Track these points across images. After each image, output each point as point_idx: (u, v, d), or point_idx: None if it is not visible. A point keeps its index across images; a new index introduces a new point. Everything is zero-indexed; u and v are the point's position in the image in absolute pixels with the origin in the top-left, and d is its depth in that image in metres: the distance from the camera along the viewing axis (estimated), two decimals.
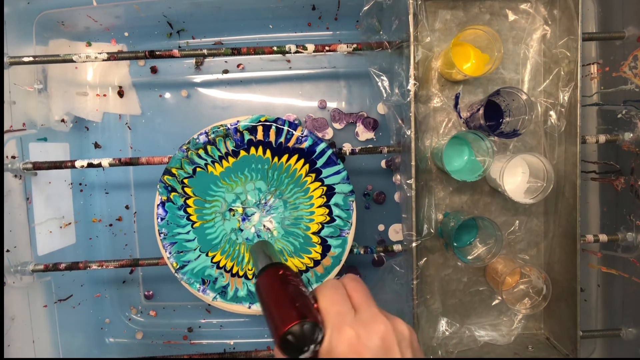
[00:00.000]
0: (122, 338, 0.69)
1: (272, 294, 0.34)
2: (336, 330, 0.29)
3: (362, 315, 0.30)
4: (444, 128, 0.54)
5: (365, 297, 0.32)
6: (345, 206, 0.53)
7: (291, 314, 0.30)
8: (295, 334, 0.30)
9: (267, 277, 0.36)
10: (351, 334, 0.29)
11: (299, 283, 0.34)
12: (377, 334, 0.29)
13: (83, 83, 0.65)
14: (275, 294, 0.33)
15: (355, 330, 0.29)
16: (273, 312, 0.32)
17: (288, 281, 0.34)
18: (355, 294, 0.33)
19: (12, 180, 0.53)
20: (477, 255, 0.54)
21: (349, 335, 0.29)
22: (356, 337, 0.29)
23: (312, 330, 0.30)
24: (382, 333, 0.29)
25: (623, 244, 0.54)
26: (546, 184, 0.50)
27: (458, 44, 0.52)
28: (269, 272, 0.36)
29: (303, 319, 0.30)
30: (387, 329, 0.29)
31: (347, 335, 0.29)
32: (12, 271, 0.52)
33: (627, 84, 0.53)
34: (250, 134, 0.51)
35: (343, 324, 0.29)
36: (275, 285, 0.34)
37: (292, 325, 0.30)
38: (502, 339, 0.55)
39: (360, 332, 0.29)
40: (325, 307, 0.31)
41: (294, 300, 0.32)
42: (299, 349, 0.30)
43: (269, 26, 0.66)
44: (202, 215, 0.52)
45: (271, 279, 0.35)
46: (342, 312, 0.31)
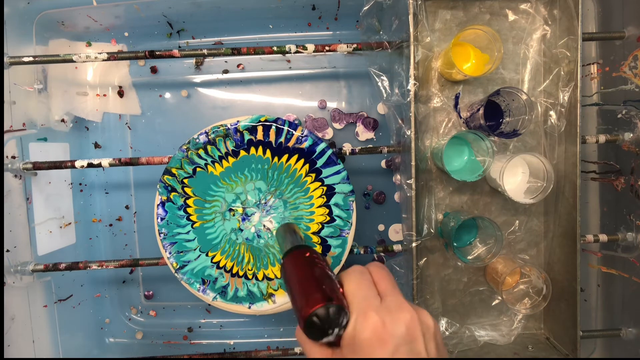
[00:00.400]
0: (122, 338, 0.69)
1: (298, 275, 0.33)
2: (362, 315, 0.29)
3: (388, 303, 0.30)
4: (444, 128, 0.54)
5: (392, 285, 0.32)
6: (345, 206, 0.53)
7: (317, 296, 0.30)
8: (320, 316, 0.29)
9: (293, 258, 0.35)
10: (376, 320, 0.28)
11: (325, 266, 0.34)
12: (403, 322, 0.28)
13: (83, 83, 0.65)
14: (301, 275, 0.33)
15: (381, 316, 0.29)
16: (299, 294, 0.32)
17: (315, 263, 0.34)
18: (381, 281, 0.32)
19: (12, 180, 0.53)
20: (477, 255, 0.54)
21: (374, 321, 0.28)
22: (381, 324, 0.28)
23: (338, 314, 0.30)
24: (407, 322, 0.29)
25: (623, 244, 0.54)
26: (546, 184, 0.50)
27: (458, 44, 0.52)
28: (295, 254, 0.35)
29: (329, 301, 0.30)
30: (413, 318, 0.29)
31: (372, 321, 0.28)
32: (12, 271, 0.52)
33: (627, 84, 0.53)
34: (250, 134, 0.51)
35: (369, 309, 0.29)
36: (302, 267, 0.34)
37: (317, 307, 0.29)
38: (502, 339, 0.55)
39: (386, 318, 0.28)
40: (352, 292, 0.31)
41: (320, 282, 0.32)
42: (323, 331, 0.30)
43: (269, 26, 0.66)
44: (202, 215, 0.52)
45: (297, 260, 0.35)
46: (368, 298, 0.30)
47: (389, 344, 0.28)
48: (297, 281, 0.33)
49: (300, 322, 0.30)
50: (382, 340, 0.28)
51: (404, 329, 0.28)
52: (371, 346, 0.28)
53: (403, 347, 0.28)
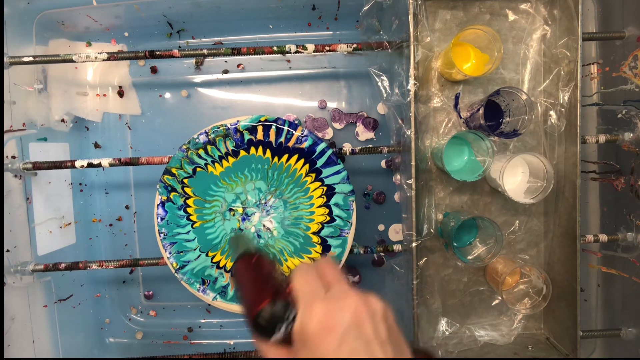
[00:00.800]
0: (122, 338, 0.69)
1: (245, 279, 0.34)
2: (307, 308, 0.29)
3: (332, 292, 0.30)
4: (444, 128, 0.54)
5: (337, 275, 0.32)
6: (345, 206, 0.53)
7: (262, 296, 0.31)
8: (266, 314, 0.30)
9: (240, 264, 0.36)
10: (321, 310, 0.28)
11: (272, 268, 0.35)
12: (349, 307, 0.28)
13: (83, 83, 0.65)
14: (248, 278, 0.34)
15: (326, 306, 0.29)
16: (245, 296, 0.33)
17: (261, 266, 0.35)
18: (327, 273, 0.32)
19: (12, 180, 0.53)
20: (477, 255, 0.54)
21: (319, 311, 0.28)
22: (326, 313, 0.28)
23: (283, 310, 0.30)
24: (352, 308, 0.28)
25: (623, 244, 0.54)
26: (546, 184, 0.50)
27: (458, 44, 0.52)
28: (242, 260, 0.37)
29: (273, 299, 0.30)
30: (358, 304, 0.29)
31: (317, 311, 0.28)
32: (12, 271, 0.52)
33: (627, 84, 0.53)
34: (250, 133, 0.51)
35: (314, 301, 0.29)
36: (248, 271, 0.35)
37: (263, 305, 0.30)
38: (502, 339, 0.55)
39: (331, 307, 0.28)
40: (297, 287, 0.31)
41: (265, 283, 0.33)
42: (271, 328, 0.30)
43: (269, 26, 0.66)
44: (202, 215, 0.52)
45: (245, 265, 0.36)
46: (313, 290, 0.30)
47: (336, 331, 0.27)
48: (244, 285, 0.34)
49: (250, 323, 0.31)
50: (329, 329, 0.28)
51: (349, 316, 0.28)
52: (319, 336, 0.28)
53: (351, 333, 0.27)
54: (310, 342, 0.28)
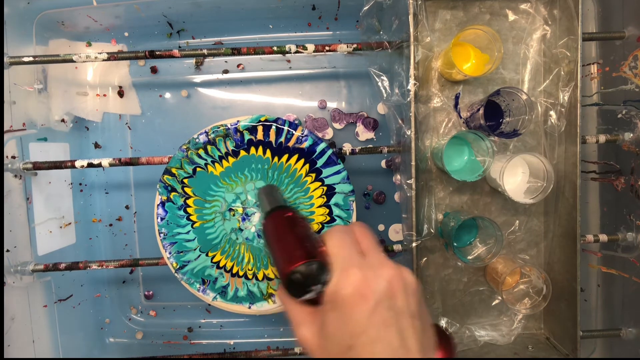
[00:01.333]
0: (122, 338, 0.69)
1: (279, 235, 0.33)
2: (344, 272, 0.29)
3: (370, 260, 0.30)
4: (444, 128, 0.54)
5: (374, 243, 0.32)
6: (345, 206, 0.53)
7: (298, 254, 0.30)
8: (302, 273, 0.30)
9: (274, 219, 0.35)
10: (358, 275, 0.28)
11: (306, 225, 0.34)
12: (384, 278, 0.28)
13: (83, 83, 0.65)
14: (282, 235, 0.33)
15: (363, 272, 0.29)
16: (280, 252, 0.32)
17: (296, 223, 0.34)
18: (364, 240, 0.32)
19: (12, 180, 0.53)
20: (477, 255, 0.54)
21: (356, 277, 0.28)
22: (363, 279, 0.28)
23: (319, 270, 0.30)
24: (388, 278, 0.29)
25: (623, 244, 0.54)
26: (546, 184, 0.50)
27: (458, 44, 0.52)
28: (276, 214, 0.35)
29: (310, 258, 0.30)
30: (394, 274, 0.29)
31: (354, 277, 0.28)
32: (12, 271, 0.52)
33: (627, 84, 0.53)
34: (250, 133, 0.51)
35: (350, 266, 0.29)
36: (283, 227, 0.34)
37: (299, 264, 0.30)
38: (502, 339, 0.55)
39: (367, 274, 0.28)
40: (333, 250, 0.31)
41: (301, 240, 0.32)
42: (304, 288, 0.30)
43: (269, 26, 0.66)
44: (202, 215, 0.52)
45: (278, 221, 0.35)
46: (350, 255, 0.30)
47: (370, 299, 0.28)
48: (278, 240, 0.33)
49: (282, 279, 0.30)
50: (363, 296, 0.28)
51: (385, 285, 0.28)
52: (353, 301, 0.28)
53: (384, 303, 0.28)
54: (343, 306, 0.28)
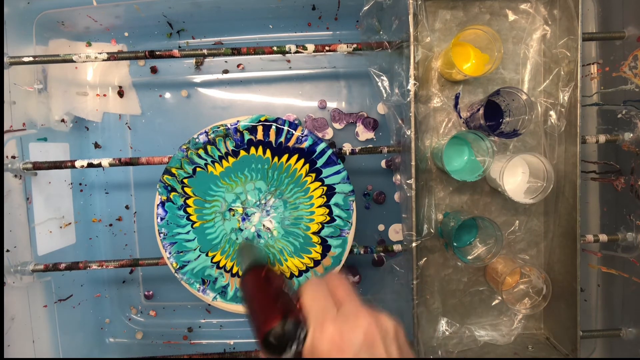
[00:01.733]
0: (122, 338, 0.69)
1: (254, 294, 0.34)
2: (318, 327, 0.29)
3: (344, 311, 0.30)
4: (444, 128, 0.54)
5: (348, 292, 0.32)
6: (345, 206, 0.53)
7: (272, 314, 0.30)
8: (277, 333, 0.30)
9: (249, 277, 0.36)
10: (333, 330, 0.28)
11: (281, 283, 0.34)
12: (360, 329, 0.28)
13: (83, 83, 0.65)
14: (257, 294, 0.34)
15: (338, 326, 0.28)
16: (255, 313, 0.32)
17: (270, 282, 0.34)
18: (338, 290, 0.32)
19: (12, 180, 0.53)
20: (477, 255, 0.54)
21: (331, 331, 0.28)
22: (338, 334, 0.28)
23: (294, 329, 0.30)
24: (364, 328, 0.28)
25: (623, 244, 0.54)
26: (546, 184, 0.50)
27: (458, 44, 0.52)
28: (251, 273, 0.36)
29: (284, 317, 0.30)
30: (370, 323, 0.28)
31: (329, 332, 0.28)
32: (12, 271, 0.52)
33: (627, 84, 0.53)
34: (250, 133, 0.51)
35: (325, 320, 0.29)
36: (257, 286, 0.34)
37: (274, 324, 0.30)
38: (502, 339, 0.55)
39: (343, 328, 0.28)
40: (308, 305, 0.31)
41: (275, 299, 0.32)
42: (281, 348, 0.30)
43: (269, 26, 0.66)
44: (202, 215, 0.52)
45: (254, 279, 0.35)
46: (324, 309, 0.30)
47: (348, 352, 0.27)
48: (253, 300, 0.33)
49: (259, 340, 0.30)
50: (341, 350, 0.27)
51: (362, 336, 0.28)
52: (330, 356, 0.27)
53: (363, 353, 0.27)
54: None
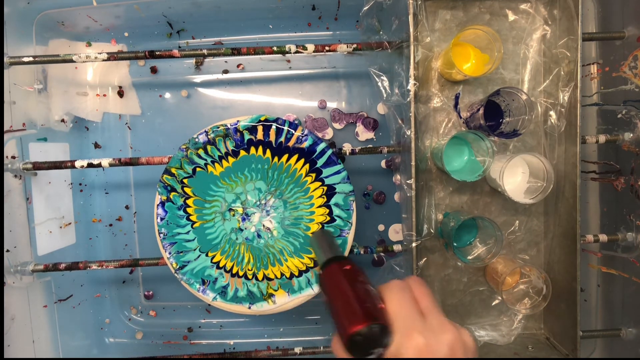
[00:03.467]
0: (122, 338, 0.69)
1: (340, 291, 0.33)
2: (406, 336, 0.29)
3: (431, 322, 0.30)
4: (444, 128, 0.54)
5: (433, 302, 0.32)
6: (345, 206, 0.53)
7: (360, 315, 0.30)
8: (364, 336, 0.29)
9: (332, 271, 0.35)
10: (420, 341, 0.29)
11: (365, 280, 0.33)
12: (446, 343, 0.29)
13: (83, 83, 0.65)
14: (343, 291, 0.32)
15: (424, 337, 0.29)
16: (341, 311, 0.31)
17: (355, 278, 0.33)
18: (423, 299, 0.32)
19: (12, 180, 0.53)
20: (477, 255, 0.54)
21: (418, 342, 0.29)
22: (425, 345, 0.29)
23: (382, 334, 0.30)
24: (450, 342, 0.29)
25: (623, 244, 0.54)
26: (546, 184, 0.50)
27: (458, 44, 0.52)
28: (334, 267, 0.35)
29: (373, 320, 0.30)
30: (455, 338, 0.30)
31: (416, 342, 0.29)
32: (12, 271, 0.52)
33: (627, 84, 0.53)
34: (250, 133, 0.51)
35: (413, 329, 0.29)
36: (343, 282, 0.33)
37: (361, 327, 0.29)
38: (502, 339, 0.55)
39: (429, 339, 0.29)
40: (394, 310, 0.31)
41: (363, 300, 0.31)
42: (365, 350, 0.30)
43: (269, 26, 0.66)
44: (202, 215, 0.52)
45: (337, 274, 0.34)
46: (411, 317, 0.30)
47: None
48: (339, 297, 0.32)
49: (344, 340, 0.30)
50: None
51: (447, 350, 0.29)
52: None
53: None
54: None
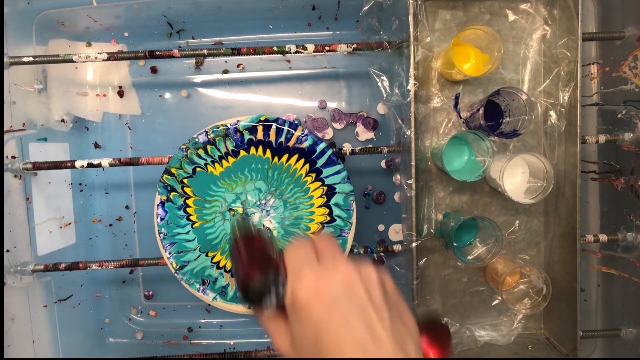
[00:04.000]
0: (122, 338, 0.69)
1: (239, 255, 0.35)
2: (297, 277, 0.28)
3: (325, 263, 0.30)
4: (444, 128, 0.54)
5: (333, 250, 0.31)
6: (345, 206, 0.53)
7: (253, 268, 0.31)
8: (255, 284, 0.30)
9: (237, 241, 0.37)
10: (310, 277, 0.28)
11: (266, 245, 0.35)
12: (339, 275, 0.28)
13: (83, 83, 0.65)
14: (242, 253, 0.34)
15: (316, 275, 0.28)
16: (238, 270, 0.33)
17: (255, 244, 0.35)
18: (323, 247, 0.32)
19: (12, 180, 0.53)
20: (477, 255, 0.54)
21: (308, 278, 0.28)
22: (315, 280, 0.27)
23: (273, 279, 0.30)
24: (344, 273, 0.28)
25: (623, 244, 0.54)
26: (546, 184, 0.50)
27: (458, 44, 0.52)
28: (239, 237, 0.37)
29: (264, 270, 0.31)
30: (350, 270, 0.28)
31: (306, 279, 0.28)
32: (12, 271, 0.52)
33: (627, 84, 0.53)
34: (250, 133, 0.51)
35: (304, 270, 0.29)
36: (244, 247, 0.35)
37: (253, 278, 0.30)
38: (502, 339, 0.55)
39: (321, 277, 0.28)
40: (288, 259, 0.31)
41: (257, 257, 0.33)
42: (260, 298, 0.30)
43: (269, 26, 0.66)
44: (202, 215, 0.52)
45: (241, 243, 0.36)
46: (304, 261, 0.30)
47: (326, 297, 0.27)
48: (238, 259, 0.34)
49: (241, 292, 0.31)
50: (319, 296, 0.27)
51: (341, 283, 0.27)
52: (309, 303, 0.27)
53: (342, 298, 0.27)
54: (301, 310, 0.27)
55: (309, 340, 0.27)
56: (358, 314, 0.26)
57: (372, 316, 0.26)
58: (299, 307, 0.27)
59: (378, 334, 0.26)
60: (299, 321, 0.28)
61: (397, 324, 0.27)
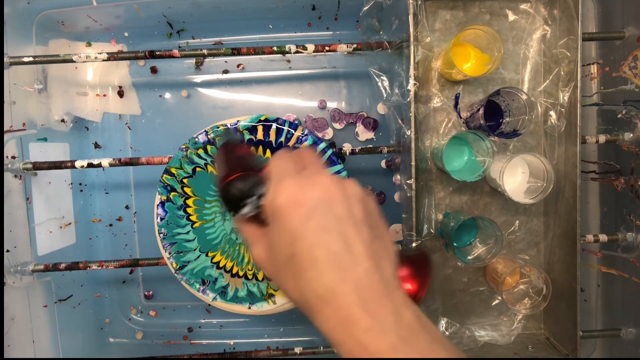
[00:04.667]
0: (122, 338, 0.69)
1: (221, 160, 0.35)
2: (278, 182, 0.28)
3: (308, 171, 0.29)
4: (444, 128, 0.54)
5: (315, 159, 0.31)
6: None
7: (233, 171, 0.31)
8: (234, 186, 0.30)
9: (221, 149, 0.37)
10: (291, 183, 0.27)
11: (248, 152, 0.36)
12: (320, 184, 0.27)
13: (83, 83, 0.65)
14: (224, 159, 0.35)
15: (296, 181, 0.28)
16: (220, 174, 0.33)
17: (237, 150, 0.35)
18: (307, 158, 0.32)
19: (12, 180, 0.53)
20: (477, 255, 0.54)
21: (289, 185, 0.27)
22: (296, 187, 0.27)
23: (253, 182, 0.30)
24: (325, 184, 0.27)
25: (623, 244, 0.54)
26: (546, 184, 0.50)
27: (458, 44, 0.52)
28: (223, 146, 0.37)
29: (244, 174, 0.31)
30: (332, 182, 0.27)
31: (287, 185, 0.27)
32: (12, 271, 0.52)
33: (627, 84, 0.53)
34: (250, 133, 0.51)
35: (285, 177, 0.28)
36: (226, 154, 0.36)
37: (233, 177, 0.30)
38: (502, 339, 0.55)
39: (302, 182, 0.27)
40: (272, 165, 0.31)
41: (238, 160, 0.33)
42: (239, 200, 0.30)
43: (269, 26, 0.66)
44: (202, 215, 0.52)
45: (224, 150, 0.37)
46: (287, 168, 0.30)
47: (304, 205, 0.26)
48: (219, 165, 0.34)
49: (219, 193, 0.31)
50: (297, 202, 0.27)
51: (321, 191, 0.27)
52: (287, 209, 0.27)
53: (320, 208, 0.26)
54: (279, 216, 0.27)
55: (284, 244, 0.27)
56: (335, 226, 0.26)
57: (349, 230, 0.26)
58: (277, 211, 0.27)
59: (354, 249, 0.26)
60: (276, 227, 0.28)
61: (376, 244, 0.27)
